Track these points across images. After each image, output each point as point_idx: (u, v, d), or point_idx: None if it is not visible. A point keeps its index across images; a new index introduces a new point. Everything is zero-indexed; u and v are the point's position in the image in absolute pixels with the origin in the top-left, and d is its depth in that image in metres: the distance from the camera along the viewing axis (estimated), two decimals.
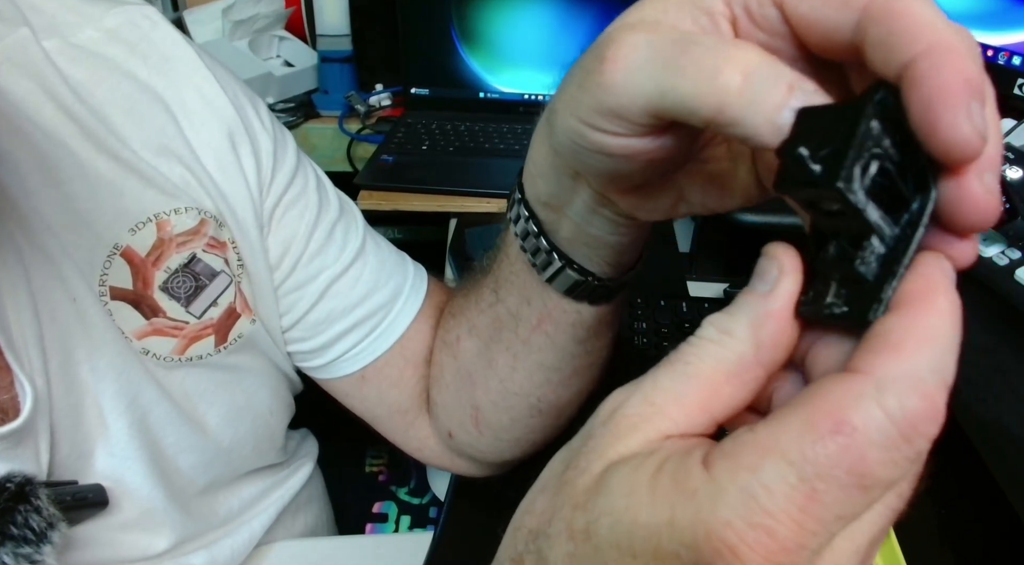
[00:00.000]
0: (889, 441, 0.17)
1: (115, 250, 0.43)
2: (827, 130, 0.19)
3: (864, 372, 0.18)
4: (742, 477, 0.18)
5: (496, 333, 0.43)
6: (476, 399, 0.47)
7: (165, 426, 0.46)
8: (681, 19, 0.24)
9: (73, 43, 0.44)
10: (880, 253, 0.20)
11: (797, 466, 0.17)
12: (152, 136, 0.44)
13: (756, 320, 0.21)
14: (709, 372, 0.21)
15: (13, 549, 0.37)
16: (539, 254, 0.36)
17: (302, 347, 0.52)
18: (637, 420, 0.21)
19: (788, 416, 0.18)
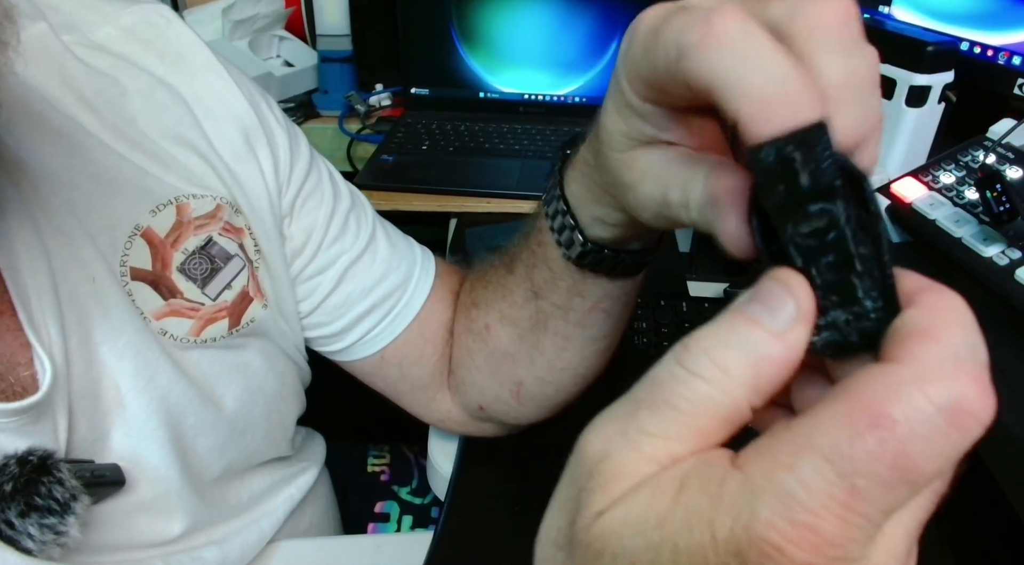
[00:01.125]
0: (936, 432, 0.17)
1: (136, 231, 0.44)
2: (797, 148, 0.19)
3: (901, 361, 0.18)
4: (779, 476, 0.17)
5: (540, 323, 0.46)
6: (518, 376, 0.50)
7: (185, 406, 0.46)
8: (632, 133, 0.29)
9: (91, 39, 0.45)
10: (863, 267, 0.20)
11: (835, 463, 0.17)
12: (169, 126, 0.46)
13: (759, 362, 0.19)
14: (701, 420, 0.19)
15: (38, 520, 0.37)
16: (603, 264, 0.40)
17: (323, 331, 0.54)
18: (628, 470, 0.19)
19: (824, 412, 0.18)
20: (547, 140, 1.04)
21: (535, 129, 1.06)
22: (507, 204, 0.91)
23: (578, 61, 1.08)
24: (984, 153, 0.66)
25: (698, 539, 0.18)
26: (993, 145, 0.65)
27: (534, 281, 0.44)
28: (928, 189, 0.66)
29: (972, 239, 0.60)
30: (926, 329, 0.18)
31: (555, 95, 1.11)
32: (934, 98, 0.69)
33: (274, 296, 0.51)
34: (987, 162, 0.65)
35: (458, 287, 0.57)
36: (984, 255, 0.59)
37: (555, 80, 1.10)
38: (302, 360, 0.57)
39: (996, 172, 0.59)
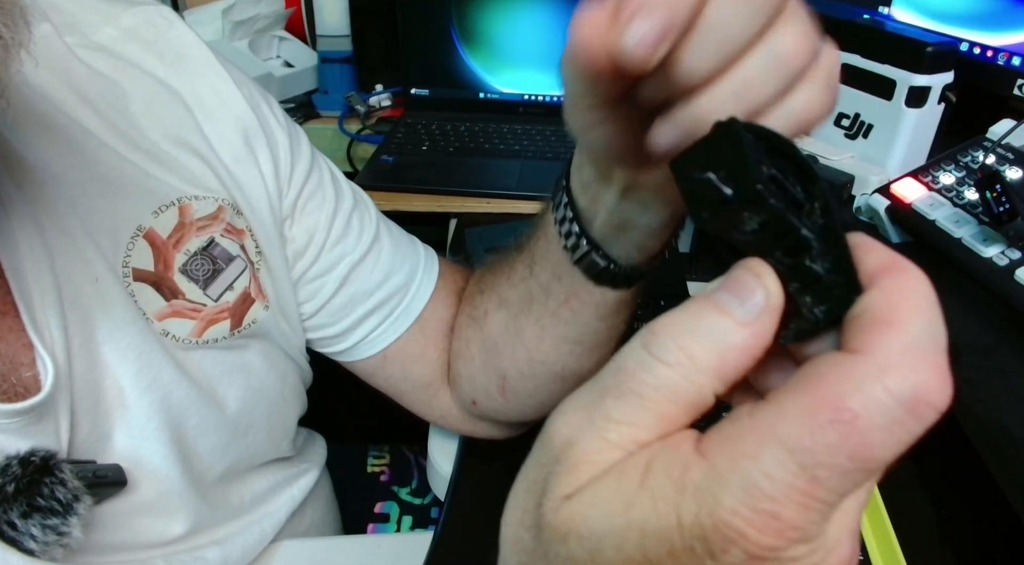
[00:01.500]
0: (894, 422, 0.17)
1: (138, 232, 0.44)
2: (712, 157, 0.20)
3: (862, 352, 0.18)
4: (743, 465, 0.18)
5: (526, 306, 0.46)
6: (503, 368, 0.50)
7: (187, 407, 0.46)
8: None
9: (93, 40, 0.45)
10: (818, 248, 0.20)
11: (797, 455, 0.17)
12: (170, 128, 0.46)
13: (726, 350, 0.19)
14: (666, 407, 0.19)
15: (41, 520, 0.37)
16: (571, 237, 0.40)
17: (326, 332, 0.55)
18: (594, 457, 0.20)
19: (786, 402, 0.18)
20: (547, 140, 1.04)
21: (535, 129, 1.06)
22: (507, 204, 0.91)
23: None
24: (984, 153, 0.66)
25: (664, 523, 0.18)
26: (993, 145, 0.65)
27: (534, 253, 0.45)
28: (928, 189, 0.66)
29: (972, 239, 0.60)
30: (886, 317, 0.18)
31: (555, 95, 1.11)
32: (934, 98, 0.69)
33: (275, 297, 0.51)
34: (987, 162, 0.65)
35: (462, 286, 0.57)
36: (984, 255, 0.59)
37: (555, 80, 1.10)
38: (303, 361, 0.57)
39: (996, 172, 0.59)
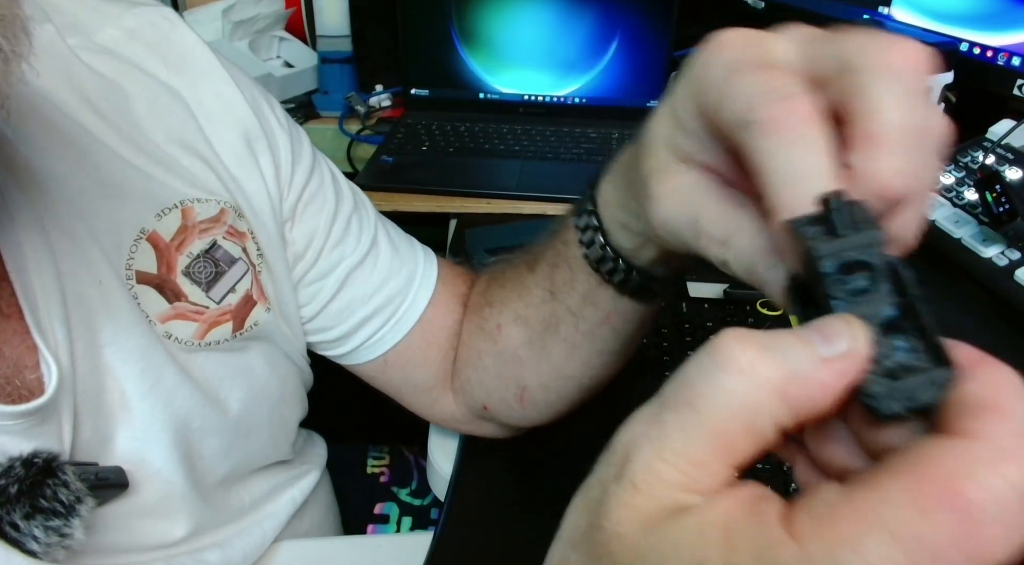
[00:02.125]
0: (1011, 515, 0.16)
1: (141, 234, 0.44)
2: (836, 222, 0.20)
3: (971, 436, 0.17)
4: (841, 553, 0.16)
5: (552, 327, 0.46)
6: (524, 380, 0.50)
7: (190, 409, 0.46)
8: (684, 144, 0.28)
9: (95, 41, 0.45)
10: (908, 328, 0.20)
11: (904, 543, 0.15)
12: (173, 131, 0.46)
13: (794, 375, 0.18)
14: (720, 422, 0.18)
15: (43, 522, 0.37)
16: (617, 273, 0.40)
17: (325, 336, 0.54)
18: (651, 478, 0.18)
19: (889, 482, 0.16)
20: (547, 141, 1.04)
21: (535, 129, 1.06)
22: (507, 204, 0.91)
23: (578, 61, 1.08)
24: (984, 154, 0.66)
25: None
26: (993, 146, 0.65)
27: (554, 281, 0.44)
28: None
29: (972, 240, 0.60)
30: (993, 403, 0.17)
31: (555, 95, 1.11)
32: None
33: (276, 300, 0.51)
34: (987, 163, 0.65)
35: (464, 288, 0.57)
36: (984, 255, 0.59)
37: (555, 80, 1.10)
38: (304, 363, 0.57)
39: (996, 173, 0.59)
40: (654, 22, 1.04)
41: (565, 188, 0.92)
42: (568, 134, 1.05)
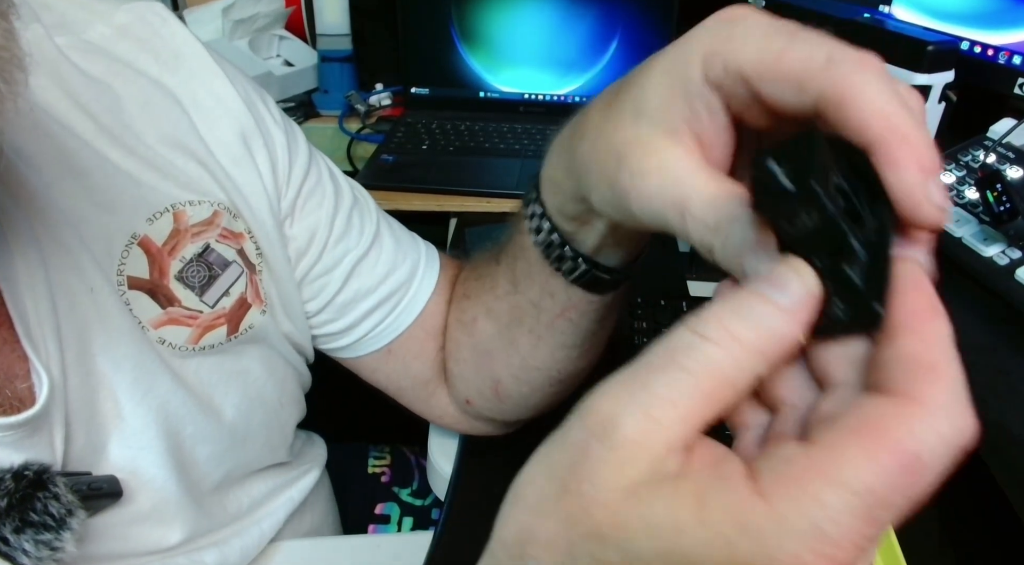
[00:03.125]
0: (942, 464, 0.19)
1: (133, 239, 0.44)
2: (787, 154, 0.21)
3: (914, 398, 0.19)
4: (809, 510, 0.18)
5: (516, 319, 0.46)
6: (496, 373, 0.50)
7: (183, 415, 0.46)
8: (681, 113, 0.27)
9: (84, 39, 0.45)
10: (862, 260, 0.21)
11: (863, 497, 0.18)
12: (166, 131, 0.45)
13: (767, 332, 0.21)
14: (711, 384, 0.20)
15: (34, 536, 0.37)
16: (564, 261, 0.39)
17: (330, 329, 0.54)
18: (641, 439, 0.20)
19: (847, 443, 0.19)
20: (547, 140, 1.03)
21: (535, 129, 1.06)
22: (507, 204, 0.91)
23: (578, 61, 1.08)
24: (984, 153, 0.66)
25: (715, 555, 0.18)
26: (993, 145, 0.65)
27: (515, 272, 0.44)
28: None
29: (972, 239, 0.60)
30: (931, 365, 0.19)
31: (555, 95, 1.11)
32: (934, 98, 0.69)
33: (277, 299, 0.51)
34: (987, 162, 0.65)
35: None
36: (984, 255, 0.59)
37: (555, 80, 1.10)
38: (302, 365, 0.57)
39: (996, 172, 0.59)
40: (654, 22, 1.04)
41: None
42: None
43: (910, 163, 0.22)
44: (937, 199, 0.21)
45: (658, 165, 0.27)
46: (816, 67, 0.23)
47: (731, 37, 0.26)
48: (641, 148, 0.28)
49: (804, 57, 0.24)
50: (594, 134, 0.30)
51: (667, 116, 0.27)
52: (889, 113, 0.22)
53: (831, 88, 0.23)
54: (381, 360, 0.56)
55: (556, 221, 0.38)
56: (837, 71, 0.23)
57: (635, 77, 0.29)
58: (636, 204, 0.28)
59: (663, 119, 0.27)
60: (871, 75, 0.23)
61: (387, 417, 0.68)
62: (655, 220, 0.27)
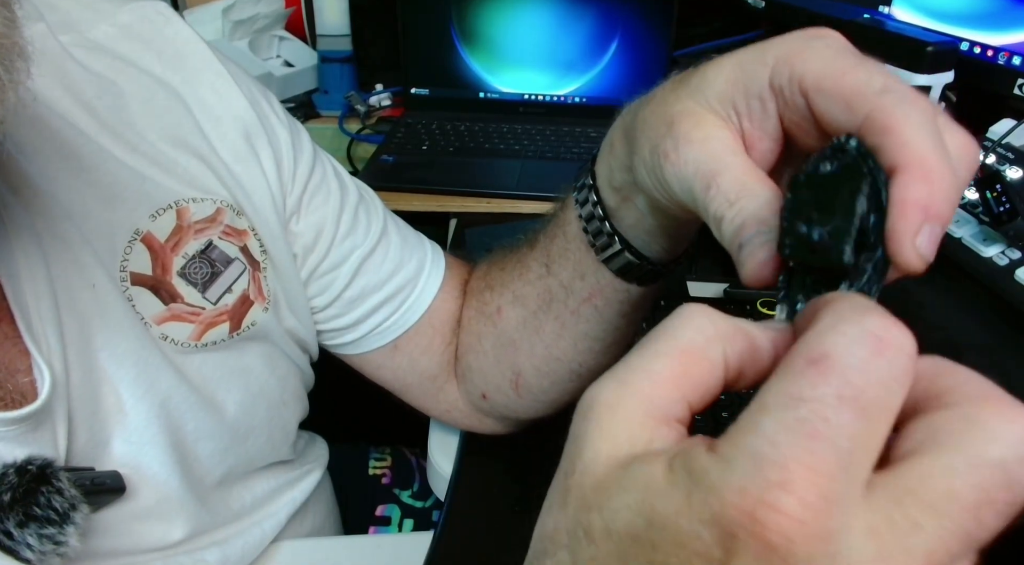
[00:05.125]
0: (864, 361, 0.18)
1: (136, 235, 0.44)
2: (822, 203, 0.22)
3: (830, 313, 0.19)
4: (745, 441, 0.18)
5: (545, 303, 0.46)
6: (519, 364, 0.50)
7: (185, 412, 0.46)
8: (738, 104, 0.29)
9: (88, 38, 0.45)
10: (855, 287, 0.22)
11: (790, 408, 0.17)
12: (169, 129, 0.46)
13: (745, 329, 0.22)
14: (681, 353, 0.21)
15: (37, 530, 0.37)
16: (600, 236, 0.40)
17: (337, 324, 0.55)
18: (613, 402, 0.21)
19: (769, 381, 0.19)
20: (547, 140, 1.04)
21: (535, 129, 1.06)
22: (507, 204, 0.91)
23: (578, 61, 1.08)
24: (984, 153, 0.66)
25: (674, 505, 0.18)
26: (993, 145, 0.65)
27: (550, 252, 0.45)
28: None
29: (972, 239, 0.60)
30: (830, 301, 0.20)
31: (555, 95, 1.11)
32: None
33: (282, 295, 0.51)
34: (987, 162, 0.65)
35: (466, 279, 0.57)
36: (984, 255, 0.59)
37: (555, 80, 1.10)
38: (305, 362, 0.57)
39: (996, 172, 0.59)
40: (654, 22, 1.04)
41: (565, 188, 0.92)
42: (568, 134, 1.05)
43: (917, 202, 0.22)
44: (923, 249, 0.22)
45: (702, 137, 0.28)
46: (870, 91, 0.24)
47: (805, 49, 0.27)
48: (692, 120, 0.29)
49: (863, 80, 0.25)
50: (657, 102, 0.32)
51: (724, 103, 0.29)
52: (924, 149, 0.22)
53: (879, 112, 0.24)
54: (387, 356, 0.56)
55: (603, 194, 0.39)
56: (889, 99, 0.24)
57: (712, 63, 0.30)
58: (670, 169, 0.29)
59: (720, 104, 0.29)
60: (919, 112, 0.23)
61: (388, 418, 0.68)
62: (681, 187, 0.29)
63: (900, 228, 0.22)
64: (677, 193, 0.30)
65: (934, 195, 0.22)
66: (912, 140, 0.23)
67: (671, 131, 0.29)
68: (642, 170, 0.33)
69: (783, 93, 0.27)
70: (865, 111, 0.24)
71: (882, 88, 0.24)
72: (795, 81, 0.27)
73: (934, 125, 0.23)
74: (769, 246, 0.25)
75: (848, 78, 0.25)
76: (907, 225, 0.22)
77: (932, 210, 0.22)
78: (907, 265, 0.22)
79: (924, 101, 0.24)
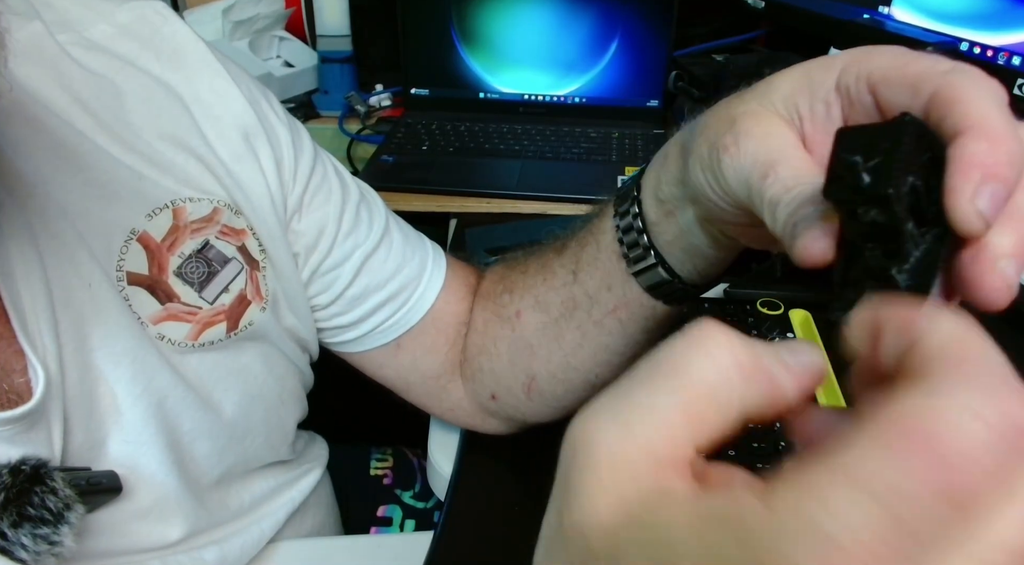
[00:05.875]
0: (988, 452, 0.15)
1: (132, 235, 0.44)
2: (871, 144, 0.21)
3: (938, 377, 0.16)
4: (808, 507, 0.15)
5: (568, 311, 0.46)
6: (534, 369, 0.50)
7: (182, 412, 0.46)
8: (801, 107, 0.29)
9: (86, 37, 0.45)
10: (913, 265, 0.21)
11: (874, 490, 0.14)
12: (167, 128, 0.46)
13: (764, 362, 0.19)
14: (690, 390, 0.18)
15: (31, 530, 0.37)
16: (636, 248, 0.40)
17: (340, 321, 0.55)
18: (617, 449, 0.18)
19: (857, 434, 0.16)
20: (547, 140, 1.04)
21: (535, 129, 1.06)
22: (507, 204, 0.91)
23: (578, 61, 1.08)
24: None
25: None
26: None
27: (580, 260, 0.45)
28: None
29: None
30: (958, 351, 0.17)
31: (555, 95, 1.11)
32: None
33: (281, 294, 0.51)
34: None
35: (472, 279, 0.57)
36: None
37: (555, 80, 1.10)
38: (304, 362, 0.57)
39: None
40: (654, 22, 1.04)
41: (565, 188, 0.92)
42: (568, 134, 1.05)
43: (975, 157, 0.21)
44: (984, 207, 0.20)
45: (764, 132, 0.29)
46: (937, 72, 0.24)
47: (872, 51, 0.27)
48: (754, 118, 0.29)
49: (928, 64, 0.25)
50: (720, 106, 0.32)
51: (788, 106, 0.29)
52: (986, 111, 0.22)
53: (945, 87, 0.24)
54: (390, 354, 0.56)
55: (645, 205, 0.39)
56: (956, 77, 0.24)
57: (781, 71, 0.31)
58: (728, 161, 0.29)
59: (784, 107, 0.29)
60: (986, 86, 0.23)
61: (389, 419, 0.68)
62: (738, 178, 0.29)
63: (958, 186, 0.21)
64: (732, 186, 0.30)
65: (996, 153, 0.21)
66: (975, 107, 0.22)
67: (732, 128, 0.30)
68: (697, 169, 0.33)
69: (849, 93, 0.28)
70: (932, 88, 0.24)
71: (948, 69, 0.24)
72: (863, 78, 0.27)
73: (1000, 99, 0.23)
74: (826, 220, 0.23)
75: (913, 65, 0.25)
76: (965, 182, 0.21)
77: (993, 169, 0.21)
78: (965, 225, 0.20)
79: (993, 81, 0.24)
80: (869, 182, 0.20)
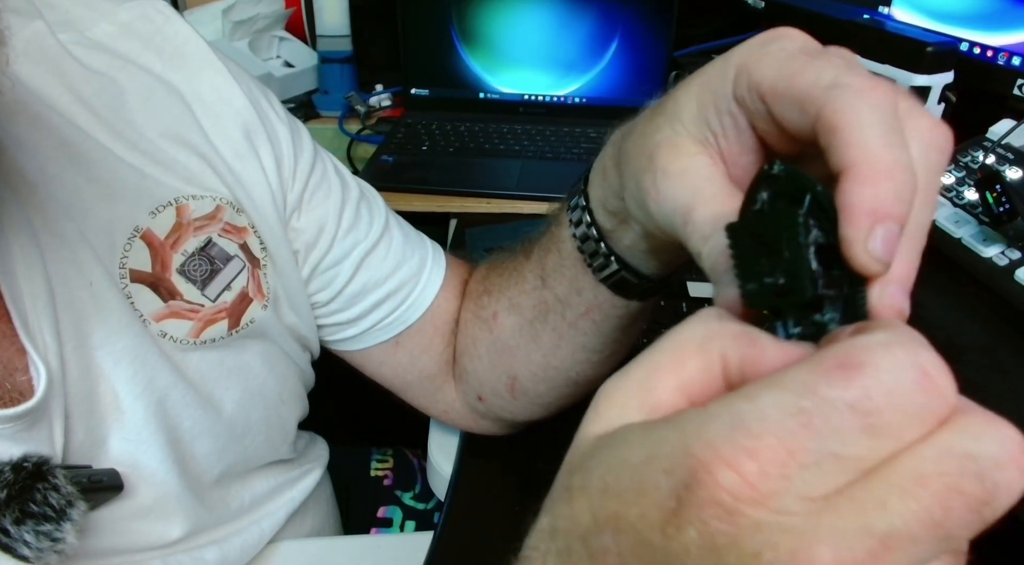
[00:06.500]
0: (900, 386, 0.17)
1: (135, 233, 0.44)
2: (764, 241, 0.21)
3: (887, 326, 0.18)
4: (736, 404, 0.17)
5: (542, 314, 0.46)
6: (515, 369, 0.50)
7: (182, 410, 0.46)
8: (712, 124, 0.28)
9: (88, 36, 0.45)
10: (841, 316, 0.21)
11: (796, 395, 0.17)
12: (169, 126, 0.46)
13: (753, 337, 0.21)
14: (676, 342, 0.21)
15: (34, 526, 0.37)
16: (596, 257, 0.40)
17: (339, 318, 0.55)
18: (611, 389, 0.22)
19: (790, 367, 0.18)
20: (547, 140, 1.04)
21: (535, 129, 1.06)
22: (507, 204, 0.91)
23: (578, 61, 1.08)
24: (984, 154, 0.66)
25: (643, 454, 0.18)
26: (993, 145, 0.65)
27: (545, 266, 0.45)
28: None
29: (972, 239, 0.60)
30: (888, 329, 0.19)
31: (555, 95, 1.11)
32: (934, 98, 0.69)
33: (282, 292, 0.51)
34: (987, 163, 0.65)
35: (466, 279, 0.57)
36: (984, 255, 0.59)
37: (555, 80, 1.10)
38: (305, 361, 0.57)
39: (996, 173, 0.59)
40: (654, 22, 1.04)
41: (565, 188, 0.91)
42: (568, 134, 1.05)
43: (863, 205, 0.21)
44: (878, 252, 0.20)
45: (681, 170, 0.28)
46: (819, 89, 0.23)
47: (761, 55, 0.26)
48: (671, 151, 0.29)
49: (812, 79, 0.23)
50: (639, 132, 0.32)
51: (699, 126, 0.28)
52: (868, 147, 0.21)
53: (827, 109, 0.23)
54: (389, 352, 0.56)
55: (597, 215, 0.39)
56: (837, 95, 0.22)
57: (681, 85, 0.30)
58: (653, 203, 0.29)
59: (695, 127, 0.29)
60: (869, 105, 0.22)
61: (389, 419, 0.68)
62: (664, 221, 0.29)
63: (850, 236, 0.21)
64: (663, 227, 0.29)
65: (881, 195, 0.21)
66: (856, 139, 0.21)
67: (651, 164, 0.29)
68: (632, 202, 0.33)
69: (745, 103, 0.27)
70: (815, 110, 0.23)
71: (830, 83, 0.23)
72: (753, 90, 0.26)
73: (886, 116, 0.22)
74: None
75: (798, 79, 0.24)
76: (856, 231, 0.20)
77: (882, 211, 0.21)
78: (867, 270, 0.21)
79: (879, 90, 0.22)
80: (781, 292, 0.21)
